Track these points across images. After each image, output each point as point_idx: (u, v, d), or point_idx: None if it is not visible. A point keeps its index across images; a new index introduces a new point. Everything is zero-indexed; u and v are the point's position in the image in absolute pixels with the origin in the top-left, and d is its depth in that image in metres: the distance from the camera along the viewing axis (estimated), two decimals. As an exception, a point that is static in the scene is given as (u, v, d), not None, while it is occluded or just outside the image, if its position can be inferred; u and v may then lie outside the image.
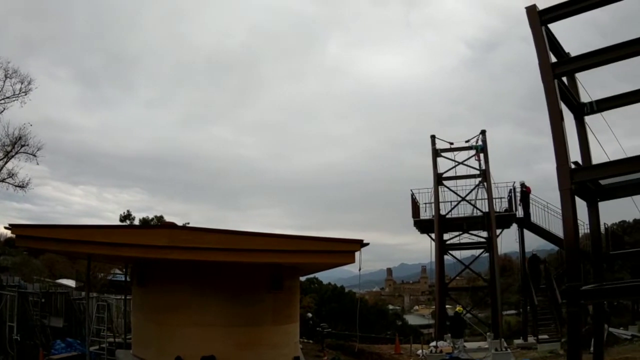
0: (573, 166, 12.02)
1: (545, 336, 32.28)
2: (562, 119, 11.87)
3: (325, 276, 72.73)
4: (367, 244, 19.71)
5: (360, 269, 21.62)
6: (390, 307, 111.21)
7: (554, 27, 13.99)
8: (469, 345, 29.92)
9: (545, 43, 12.66)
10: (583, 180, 12.52)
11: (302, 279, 54.30)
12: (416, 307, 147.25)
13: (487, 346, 29.51)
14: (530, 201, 34.65)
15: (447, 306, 35.65)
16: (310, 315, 37.42)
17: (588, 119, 14.95)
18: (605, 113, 14.81)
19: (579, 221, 19.14)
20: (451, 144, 35.18)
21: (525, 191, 34.54)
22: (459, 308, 30.21)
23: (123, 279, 29.21)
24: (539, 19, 12.80)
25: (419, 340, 40.62)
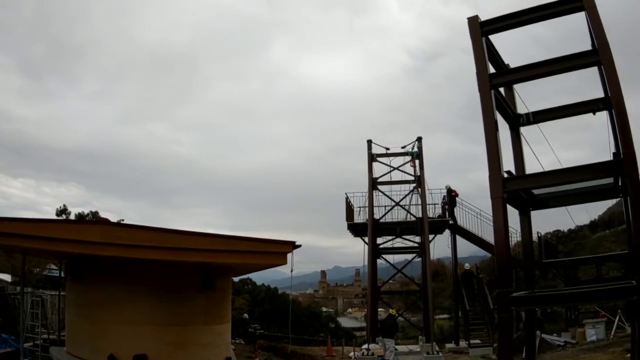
0: (506, 175, 12.30)
1: (478, 341, 32.77)
2: (496, 128, 12.14)
3: (259, 277, 72.74)
4: (300, 246, 19.88)
5: (292, 271, 21.83)
6: (324, 309, 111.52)
7: (500, 42, 14.37)
8: (401, 348, 30.26)
9: (485, 54, 12.93)
10: (515, 189, 12.82)
11: (236, 279, 54.29)
12: (349, 310, 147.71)
13: (418, 349, 29.91)
14: (458, 205, 35.30)
15: (379, 309, 35.97)
16: (246, 316, 37.45)
17: (528, 130, 15.35)
18: (543, 125, 15.23)
19: (512, 229, 19.63)
20: (387, 149, 35.58)
21: (453, 194, 35.11)
22: (392, 311, 30.54)
23: (58, 274, 28.93)
24: (480, 30, 13.07)
25: (352, 343, 40.90)
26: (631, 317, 19.08)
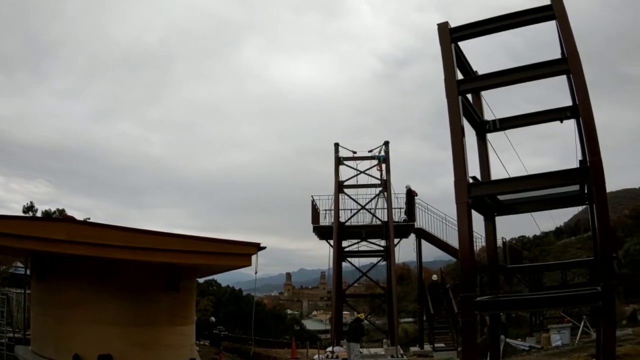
0: (471, 181, 12.34)
1: (442, 344, 32.92)
2: (463, 134, 12.16)
3: (224, 278, 72.44)
4: (264, 248, 19.88)
5: (256, 272, 21.76)
6: (289, 311, 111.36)
7: (471, 50, 14.43)
8: (365, 351, 30.28)
9: (453, 60, 12.96)
10: (480, 195, 12.87)
11: (200, 280, 54.02)
12: (314, 313, 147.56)
13: (383, 352, 29.97)
14: (423, 209, 35.46)
15: (344, 312, 35.99)
16: (213, 319, 37.34)
17: (496, 137, 15.43)
18: (512, 133, 15.33)
19: (477, 234, 19.73)
20: (354, 152, 35.67)
21: (412, 194, 35.23)
22: (361, 315, 30.57)
23: (24, 272, 28.67)
24: (450, 37, 13.10)
25: (316, 345, 40.90)
26: (596, 323, 19.24)
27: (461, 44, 14.01)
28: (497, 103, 15.60)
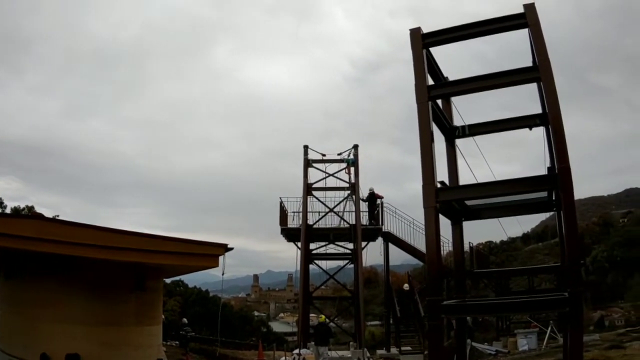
0: (439, 185, 12.39)
1: (408, 348, 33.03)
2: (432, 139, 12.19)
3: (191, 279, 72.54)
4: (232, 249, 19.87)
5: (223, 273, 21.71)
6: (256, 313, 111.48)
7: (444, 58, 14.50)
8: (332, 353, 30.30)
9: (424, 65, 12.98)
10: (448, 200, 12.94)
11: (168, 281, 53.88)
12: (281, 315, 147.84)
13: (350, 355, 29.99)
14: (385, 209, 35.55)
15: (311, 315, 35.99)
16: (185, 320, 37.19)
17: (466, 144, 15.52)
18: (482, 140, 15.42)
19: (444, 239, 19.81)
20: (323, 155, 35.68)
21: (375, 197, 35.31)
22: (322, 317, 30.56)
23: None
24: (422, 42, 13.13)
25: (283, 348, 40.88)
26: (563, 328, 19.40)
27: (434, 51, 14.07)
28: (467, 110, 15.70)
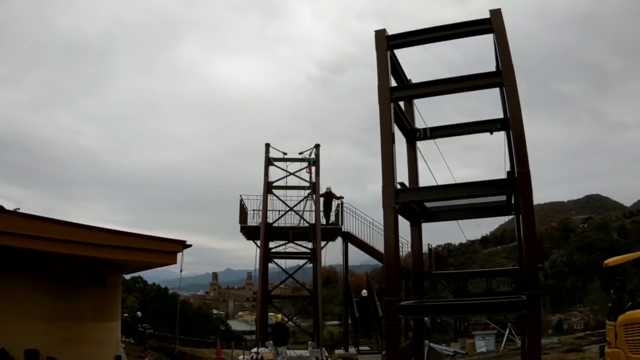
0: (399, 187, 12.43)
1: (367, 348, 33.06)
2: (393, 141, 12.23)
3: (150, 276, 71.72)
4: (190, 246, 19.79)
5: (181, 270, 21.66)
6: (215, 311, 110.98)
7: (409, 62, 14.56)
8: (290, 353, 30.28)
9: (388, 67, 13.00)
10: (408, 201, 12.98)
11: (127, 277, 53.46)
12: (240, 313, 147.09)
13: (308, 354, 30.00)
14: (341, 208, 35.56)
15: (270, 314, 35.93)
16: (139, 314, 36.93)
17: (429, 147, 15.61)
18: (443, 144, 15.53)
19: (403, 240, 19.88)
20: (285, 154, 35.62)
21: (331, 195, 35.36)
22: (279, 317, 30.51)
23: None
24: (386, 44, 13.16)
25: (241, 346, 40.77)
26: (521, 331, 19.57)
27: (400, 55, 14.14)
28: (429, 113, 15.78)
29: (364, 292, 34.26)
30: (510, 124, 12.16)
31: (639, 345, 16.04)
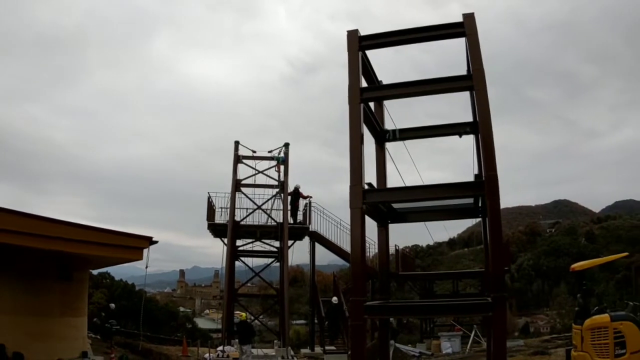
0: (366, 187, 12.45)
1: (332, 347, 33.10)
2: (361, 141, 12.24)
3: (118, 272, 71.25)
4: (156, 242, 19.73)
5: (147, 267, 21.53)
6: (181, 309, 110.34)
7: (382, 65, 14.59)
8: (256, 352, 30.26)
9: (359, 67, 13.03)
10: (375, 202, 13.01)
11: (95, 272, 53.12)
12: (207, 311, 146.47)
13: (274, 353, 29.99)
14: (309, 207, 35.63)
15: (236, 312, 35.88)
16: (113, 305, 36.65)
17: (399, 149, 15.67)
18: (413, 147, 15.59)
19: (371, 240, 19.93)
20: (254, 152, 35.57)
21: (298, 194, 35.42)
22: (243, 315, 30.46)
23: None
24: (358, 44, 13.19)
25: (208, 344, 40.69)
26: (487, 333, 19.72)
27: (373, 59, 14.21)
28: (399, 115, 15.83)
29: (334, 300, 33.78)
30: (479, 127, 12.20)
31: (605, 349, 16.28)
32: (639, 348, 16.36)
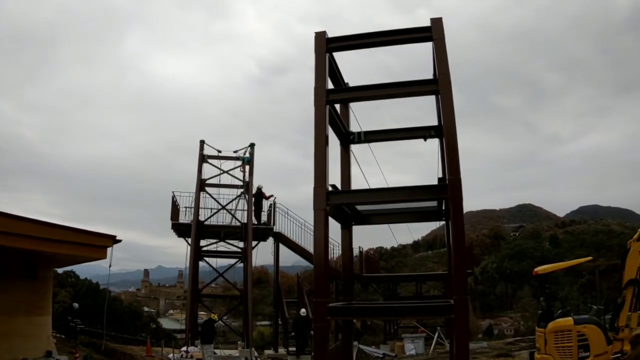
0: (330, 188, 12.48)
1: (294, 348, 33.13)
2: (326, 143, 12.26)
3: (83, 271, 70.87)
4: (120, 241, 19.68)
5: (110, 266, 21.57)
6: (146, 309, 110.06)
7: (349, 69, 14.61)
8: (220, 352, 30.23)
9: (326, 69, 13.02)
10: (339, 203, 13.03)
11: (60, 271, 52.77)
12: (171, 311, 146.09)
13: (237, 354, 29.97)
14: (274, 208, 35.71)
15: (200, 312, 35.81)
16: (76, 305, 36.39)
17: (364, 152, 15.74)
18: (379, 150, 15.67)
19: (335, 242, 19.98)
20: (219, 151, 35.57)
21: (260, 194, 35.46)
22: (213, 315, 30.45)
23: None
24: (325, 46, 13.19)
25: (172, 344, 40.57)
26: (450, 334, 19.88)
27: (341, 63, 14.23)
28: (366, 119, 15.91)
29: (302, 312, 32.82)
30: (443, 131, 12.28)
31: (568, 351, 16.52)
32: (603, 351, 16.65)
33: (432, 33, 12.55)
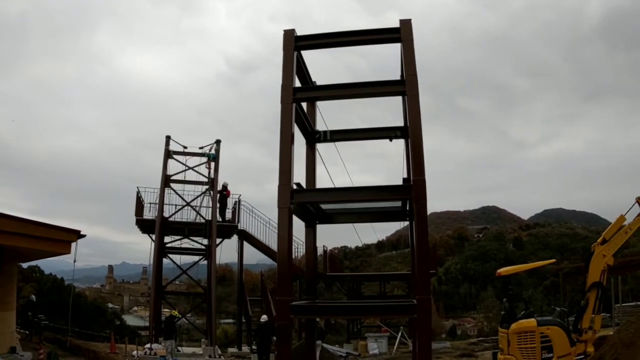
0: (295, 187, 12.49)
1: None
2: (292, 141, 12.27)
3: (47, 266, 70.19)
4: (84, 236, 19.55)
5: (75, 261, 21.43)
6: (110, 305, 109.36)
7: (319, 68, 14.65)
8: (184, 349, 30.16)
9: (293, 67, 13.03)
10: (303, 202, 13.05)
11: (25, 266, 52.27)
12: (135, 308, 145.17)
13: (201, 352, 29.90)
14: (238, 205, 35.71)
15: (164, 310, 35.68)
16: (34, 298, 35.93)
17: (330, 152, 15.79)
18: (345, 150, 15.73)
19: (299, 240, 19.99)
20: (185, 147, 35.38)
21: (225, 193, 35.42)
22: (174, 312, 30.38)
23: None
24: (294, 44, 13.20)
25: (136, 341, 40.36)
26: (413, 334, 20.00)
27: (309, 63, 14.26)
28: (333, 119, 15.95)
29: (264, 318, 32.32)
30: (409, 132, 12.34)
31: (532, 353, 16.70)
32: (566, 352, 16.85)
33: (401, 34, 12.61)
